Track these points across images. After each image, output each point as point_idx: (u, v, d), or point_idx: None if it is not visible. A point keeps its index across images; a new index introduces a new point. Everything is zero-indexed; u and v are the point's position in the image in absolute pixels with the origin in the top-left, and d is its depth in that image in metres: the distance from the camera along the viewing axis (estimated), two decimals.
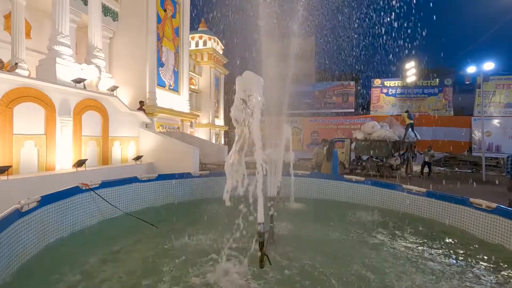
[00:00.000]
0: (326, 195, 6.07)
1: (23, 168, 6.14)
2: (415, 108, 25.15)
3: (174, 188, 5.46)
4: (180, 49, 14.79)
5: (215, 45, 23.48)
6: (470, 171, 18.01)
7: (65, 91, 6.94)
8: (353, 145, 15.39)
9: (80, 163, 6.88)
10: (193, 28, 23.56)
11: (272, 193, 3.70)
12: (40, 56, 9.71)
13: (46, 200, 3.20)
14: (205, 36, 22.92)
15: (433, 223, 4.43)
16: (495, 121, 22.32)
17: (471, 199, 4.01)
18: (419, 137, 14.66)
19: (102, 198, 4.02)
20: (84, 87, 7.64)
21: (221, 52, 24.40)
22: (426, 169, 14.84)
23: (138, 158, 8.98)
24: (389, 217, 4.65)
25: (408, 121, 14.12)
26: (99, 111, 8.08)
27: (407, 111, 15.86)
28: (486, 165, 15.14)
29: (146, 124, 10.14)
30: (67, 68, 7.31)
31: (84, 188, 3.88)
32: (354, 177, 5.90)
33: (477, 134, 22.09)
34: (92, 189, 3.96)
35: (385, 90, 26.53)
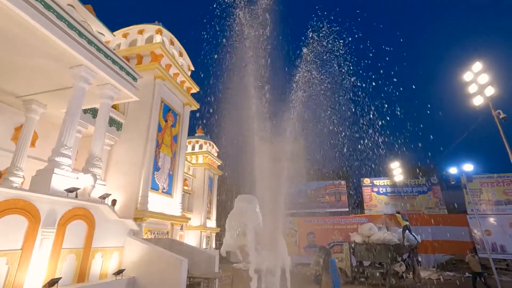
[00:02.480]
0: None
1: None
2: (408, 207, 25.14)
3: None
4: (177, 154, 15.57)
5: (210, 148, 24.95)
6: None
7: (55, 201, 6.82)
8: (352, 245, 14.55)
9: (52, 283, 6.13)
10: (191, 133, 25.47)
11: None
12: (40, 164, 10.00)
13: None
14: (201, 141, 24.59)
15: None
16: (491, 219, 22.13)
17: None
18: (419, 240, 14.06)
19: None
20: (76, 196, 7.57)
21: (215, 154, 25.70)
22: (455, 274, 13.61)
23: (119, 272, 8.11)
24: None
25: (403, 223, 13.83)
26: (86, 220, 7.75)
27: (398, 212, 15.77)
28: (496, 268, 14.13)
29: (134, 232, 9.62)
30: (63, 177, 7.41)
31: None
32: None
33: (477, 233, 21.49)
34: None
35: (375, 189, 27.05)
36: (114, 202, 11.51)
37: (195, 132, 26.32)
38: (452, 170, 16.98)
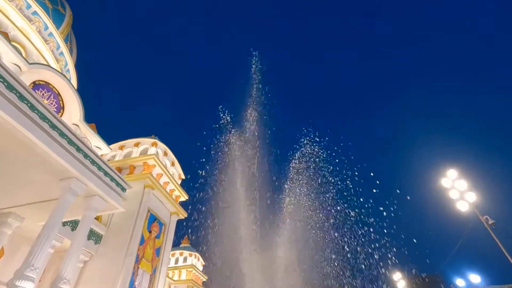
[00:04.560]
0: None
1: None
2: None
3: None
4: (157, 270, 13.98)
5: (196, 261, 22.77)
6: None
7: None
8: None
9: None
10: (176, 243, 23.72)
11: None
12: None
13: None
14: (186, 252, 22.66)
15: None
16: None
17: None
18: None
19: None
20: None
21: (201, 268, 23.26)
22: None
23: None
24: None
25: None
26: None
27: None
28: None
29: None
30: None
31: None
32: None
33: None
34: None
35: None
36: None
37: (181, 242, 24.54)
38: (459, 282, 15.57)
